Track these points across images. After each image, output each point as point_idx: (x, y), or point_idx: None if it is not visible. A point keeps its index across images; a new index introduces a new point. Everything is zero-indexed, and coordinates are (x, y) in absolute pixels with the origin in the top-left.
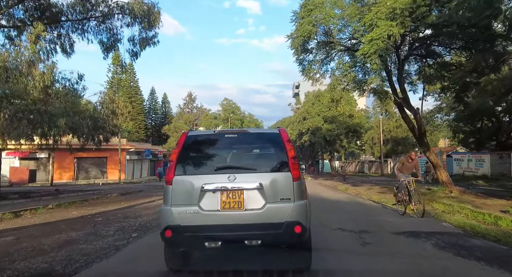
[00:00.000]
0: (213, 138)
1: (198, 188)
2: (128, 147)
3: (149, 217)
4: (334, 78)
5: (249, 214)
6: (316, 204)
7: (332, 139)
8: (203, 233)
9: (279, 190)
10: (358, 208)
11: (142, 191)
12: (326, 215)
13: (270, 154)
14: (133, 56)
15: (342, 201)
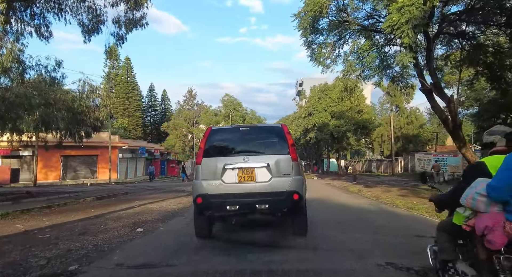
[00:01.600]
0: (231, 130)
1: (221, 167)
2: (120, 144)
3: (114, 233)
4: (348, 64)
5: (259, 185)
6: (333, 214)
7: (340, 135)
8: (225, 199)
9: (282, 167)
10: (394, 222)
11: (128, 194)
12: (354, 234)
13: (275, 142)
14: (118, 41)
15: (365, 209)
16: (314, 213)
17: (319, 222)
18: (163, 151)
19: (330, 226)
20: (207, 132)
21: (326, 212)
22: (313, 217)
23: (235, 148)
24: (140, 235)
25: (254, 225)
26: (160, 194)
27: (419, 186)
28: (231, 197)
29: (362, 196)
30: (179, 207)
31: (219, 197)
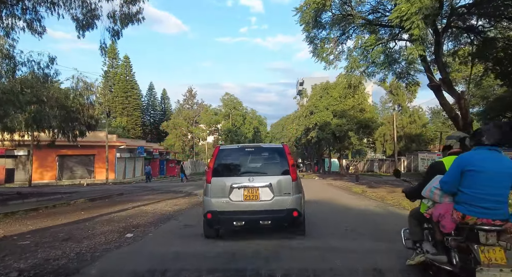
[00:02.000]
0: (237, 150)
1: (228, 186)
2: (118, 144)
3: (101, 239)
4: (351, 60)
5: (262, 203)
6: (338, 217)
7: (342, 135)
8: (232, 215)
9: (283, 187)
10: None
11: (123, 194)
12: (366, 242)
13: (277, 163)
14: (114, 36)
15: (372, 211)
16: (319, 216)
17: (325, 228)
18: (162, 151)
19: (337, 233)
20: (215, 152)
21: (330, 215)
22: (317, 221)
23: (241, 168)
24: (129, 241)
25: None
26: (157, 195)
27: None
28: (238, 214)
29: (367, 197)
30: (174, 209)
31: (227, 213)
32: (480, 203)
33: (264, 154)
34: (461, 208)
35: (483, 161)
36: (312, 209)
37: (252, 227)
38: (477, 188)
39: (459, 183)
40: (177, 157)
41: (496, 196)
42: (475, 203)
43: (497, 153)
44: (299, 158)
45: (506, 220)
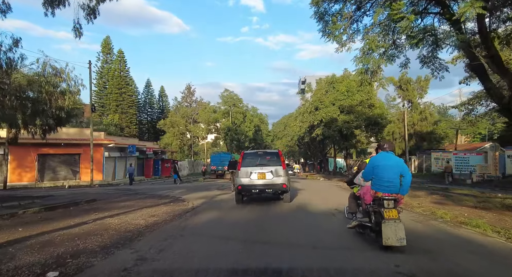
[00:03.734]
0: (253, 153)
1: (249, 172)
2: (106, 142)
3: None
4: (370, 39)
5: (267, 180)
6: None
7: (350, 132)
8: (251, 187)
9: (278, 172)
10: (490, 262)
11: (95, 201)
12: None
13: (274, 160)
14: (89, 15)
15: (417, 232)
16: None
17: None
18: (157, 150)
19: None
20: (242, 154)
21: None
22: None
23: (256, 162)
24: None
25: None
26: (137, 201)
27: (450, 190)
28: (254, 186)
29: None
30: (147, 223)
31: (248, 186)
32: (383, 184)
33: (268, 155)
34: (374, 188)
35: (383, 159)
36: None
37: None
38: (381, 175)
39: (372, 173)
40: (174, 157)
41: (392, 179)
42: (381, 184)
43: (391, 154)
44: (301, 158)
45: (397, 193)
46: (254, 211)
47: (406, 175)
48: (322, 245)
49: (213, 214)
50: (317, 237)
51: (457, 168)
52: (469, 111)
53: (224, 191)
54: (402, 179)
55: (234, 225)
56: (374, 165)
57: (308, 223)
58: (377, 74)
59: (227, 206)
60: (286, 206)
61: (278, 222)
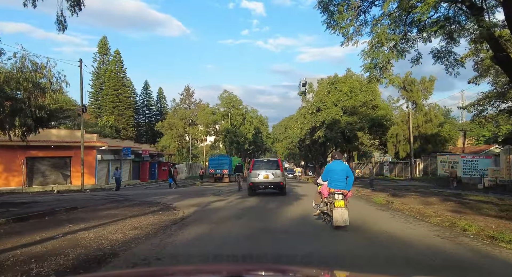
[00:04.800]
0: (261, 160)
1: (257, 173)
2: (99, 144)
3: None
4: (379, 31)
5: (270, 179)
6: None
7: (353, 134)
8: (259, 184)
9: (277, 174)
10: None
11: (77, 209)
12: None
13: (275, 165)
14: (74, 6)
15: (453, 257)
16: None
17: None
18: (154, 152)
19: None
20: (252, 161)
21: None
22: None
23: (262, 167)
24: None
25: None
26: (122, 209)
27: (464, 196)
28: (261, 184)
29: (401, 213)
30: (125, 238)
31: (257, 183)
32: (335, 183)
33: (270, 162)
34: (330, 185)
35: (335, 165)
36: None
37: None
38: (333, 176)
39: (328, 175)
40: (172, 160)
41: (340, 179)
42: (333, 183)
43: (340, 161)
44: (302, 161)
45: (344, 189)
46: (250, 224)
47: (350, 177)
48: None
49: (203, 227)
50: None
51: (465, 172)
52: (479, 112)
53: (220, 197)
54: (348, 179)
55: (225, 242)
56: (329, 170)
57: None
58: (386, 70)
59: (220, 216)
60: (286, 217)
61: (277, 238)
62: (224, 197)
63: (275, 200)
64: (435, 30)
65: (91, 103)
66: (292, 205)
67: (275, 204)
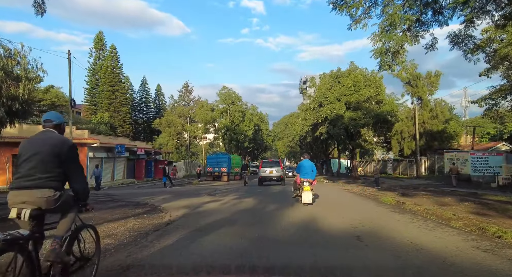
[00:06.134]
0: (267, 161)
1: (265, 170)
2: (90, 141)
3: None
4: (394, 10)
5: (273, 174)
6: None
7: (356, 131)
8: (266, 177)
9: (278, 170)
10: None
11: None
12: None
13: (277, 164)
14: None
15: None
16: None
17: None
18: (150, 150)
19: None
20: (261, 162)
21: None
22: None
23: (268, 165)
24: None
25: None
26: (104, 211)
27: (481, 196)
28: (267, 177)
29: (419, 216)
30: (91, 249)
31: (264, 177)
32: (304, 174)
33: (274, 162)
34: (301, 176)
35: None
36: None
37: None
38: (303, 170)
39: (300, 169)
40: (171, 158)
41: (308, 172)
42: (303, 175)
43: (308, 160)
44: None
45: (310, 178)
46: (245, 232)
47: (314, 171)
48: None
49: (187, 235)
50: None
51: (475, 169)
52: (491, 106)
53: (215, 197)
54: (312, 172)
55: (211, 258)
56: (300, 165)
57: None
58: (399, 56)
59: (211, 222)
60: (288, 222)
61: (281, 249)
62: (219, 197)
63: (274, 201)
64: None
65: (87, 99)
66: (294, 207)
67: (275, 206)
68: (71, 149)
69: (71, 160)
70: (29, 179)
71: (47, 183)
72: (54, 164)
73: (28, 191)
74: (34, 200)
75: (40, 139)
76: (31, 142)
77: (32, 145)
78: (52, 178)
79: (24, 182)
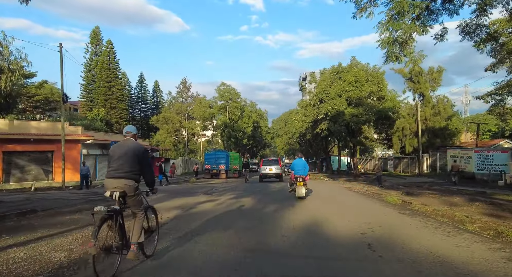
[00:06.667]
0: (267, 160)
1: (265, 167)
2: (84, 138)
3: None
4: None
5: (273, 172)
6: None
7: (358, 127)
8: (266, 174)
9: (277, 168)
10: None
11: (35, 213)
12: None
13: (276, 162)
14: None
15: None
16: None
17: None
18: (147, 147)
19: None
20: (262, 160)
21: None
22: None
23: (268, 163)
24: None
25: None
26: (87, 214)
27: (490, 195)
28: (267, 175)
29: (432, 219)
30: (66, 261)
31: (264, 174)
32: (297, 171)
33: (273, 161)
34: (295, 173)
35: (297, 161)
36: None
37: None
38: (296, 168)
39: (294, 167)
40: (169, 155)
41: (300, 170)
42: (296, 171)
43: (301, 158)
44: (302, 156)
45: (302, 175)
46: (240, 239)
47: (306, 168)
48: None
49: (174, 243)
50: None
51: (479, 167)
52: (497, 102)
53: (211, 196)
54: (304, 169)
55: (202, 269)
56: (294, 163)
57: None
58: (407, 46)
59: (204, 225)
60: (290, 227)
61: (275, 265)
62: (216, 197)
63: (273, 201)
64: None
65: (83, 96)
66: (294, 207)
67: (274, 206)
68: (144, 152)
69: (144, 159)
70: (119, 172)
71: (131, 175)
72: (135, 162)
73: (118, 180)
74: (122, 186)
75: (126, 145)
76: (119, 146)
77: (120, 149)
78: (134, 172)
79: (116, 174)
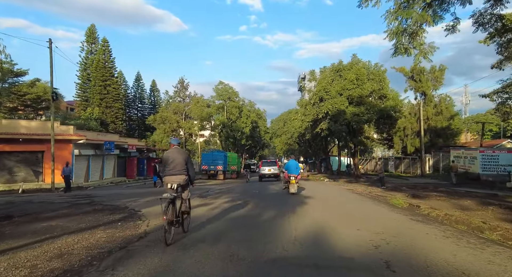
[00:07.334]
0: (266, 161)
1: (264, 168)
2: (76, 138)
3: None
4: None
5: (271, 172)
6: None
7: (359, 127)
8: (265, 175)
9: (275, 169)
10: None
11: (11, 219)
12: None
13: (274, 163)
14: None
15: None
16: None
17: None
18: (142, 147)
19: None
20: (261, 161)
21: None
22: None
23: (266, 165)
24: None
25: None
26: (72, 218)
27: (504, 198)
28: (266, 175)
29: (450, 227)
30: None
31: (263, 175)
32: (290, 171)
33: (271, 162)
34: (288, 172)
35: (290, 162)
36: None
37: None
38: (289, 168)
39: (287, 167)
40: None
41: (293, 169)
42: (289, 171)
43: (293, 160)
44: (301, 156)
45: (295, 173)
46: (231, 256)
47: (298, 168)
48: None
49: (159, 256)
50: None
51: (484, 168)
52: (504, 101)
53: (205, 199)
54: (296, 169)
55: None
56: (287, 164)
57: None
58: (417, 38)
59: (192, 235)
60: (292, 238)
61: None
62: (210, 200)
63: (272, 205)
64: None
65: (79, 95)
66: (296, 214)
67: (273, 212)
68: (188, 156)
69: (188, 162)
70: (176, 170)
71: (183, 172)
72: (184, 163)
73: (175, 176)
74: (179, 180)
75: (177, 152)
76: (173, 152)
77: (173, 154)
78: (185, 170)
79: (173, 172)
